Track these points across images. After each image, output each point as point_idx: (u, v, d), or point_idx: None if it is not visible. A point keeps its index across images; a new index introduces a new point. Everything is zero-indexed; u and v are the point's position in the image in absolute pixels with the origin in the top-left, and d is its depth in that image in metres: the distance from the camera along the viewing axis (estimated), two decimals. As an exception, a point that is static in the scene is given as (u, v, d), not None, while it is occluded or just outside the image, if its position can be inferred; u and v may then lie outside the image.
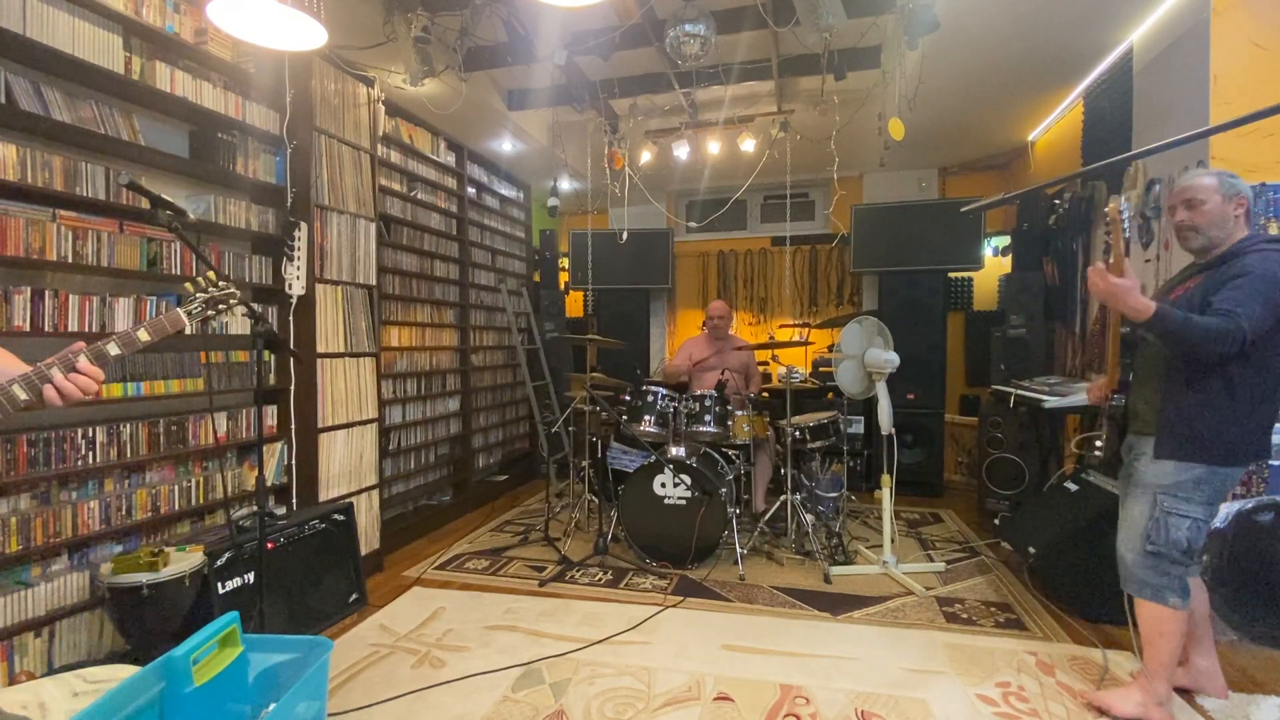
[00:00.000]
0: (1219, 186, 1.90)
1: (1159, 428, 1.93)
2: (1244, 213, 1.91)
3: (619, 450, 4.00)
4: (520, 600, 2.95)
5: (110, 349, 1.36)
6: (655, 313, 6.27)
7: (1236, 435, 1.84)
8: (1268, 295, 1.75)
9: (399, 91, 3.60)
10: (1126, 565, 1.99)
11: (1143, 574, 1.94)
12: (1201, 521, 1.89)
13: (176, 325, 1.53)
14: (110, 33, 2.25)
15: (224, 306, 1.65)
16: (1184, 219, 1.94)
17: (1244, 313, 1.71)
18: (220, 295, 1.64)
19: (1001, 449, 3.93)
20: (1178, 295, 1.97)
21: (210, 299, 1.61)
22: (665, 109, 4.35)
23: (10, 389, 1.21)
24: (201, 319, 1.60)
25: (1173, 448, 1.90)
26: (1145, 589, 1.94)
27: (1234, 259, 1.86)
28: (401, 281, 3.99)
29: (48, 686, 1.41)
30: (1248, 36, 2.60)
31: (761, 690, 2.19)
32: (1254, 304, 1.73)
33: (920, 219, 4.89)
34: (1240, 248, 1.87)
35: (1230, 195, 1.89)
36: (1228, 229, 1.91)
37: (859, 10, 2.99)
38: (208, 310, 1.61)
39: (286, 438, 2.99)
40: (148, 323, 1.46)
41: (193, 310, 1.58)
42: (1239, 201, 1.90)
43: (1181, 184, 1.97)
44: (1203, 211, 1.90)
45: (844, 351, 3.38)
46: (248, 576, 2.37)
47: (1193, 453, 1.87)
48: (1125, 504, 2.04)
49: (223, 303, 1.64)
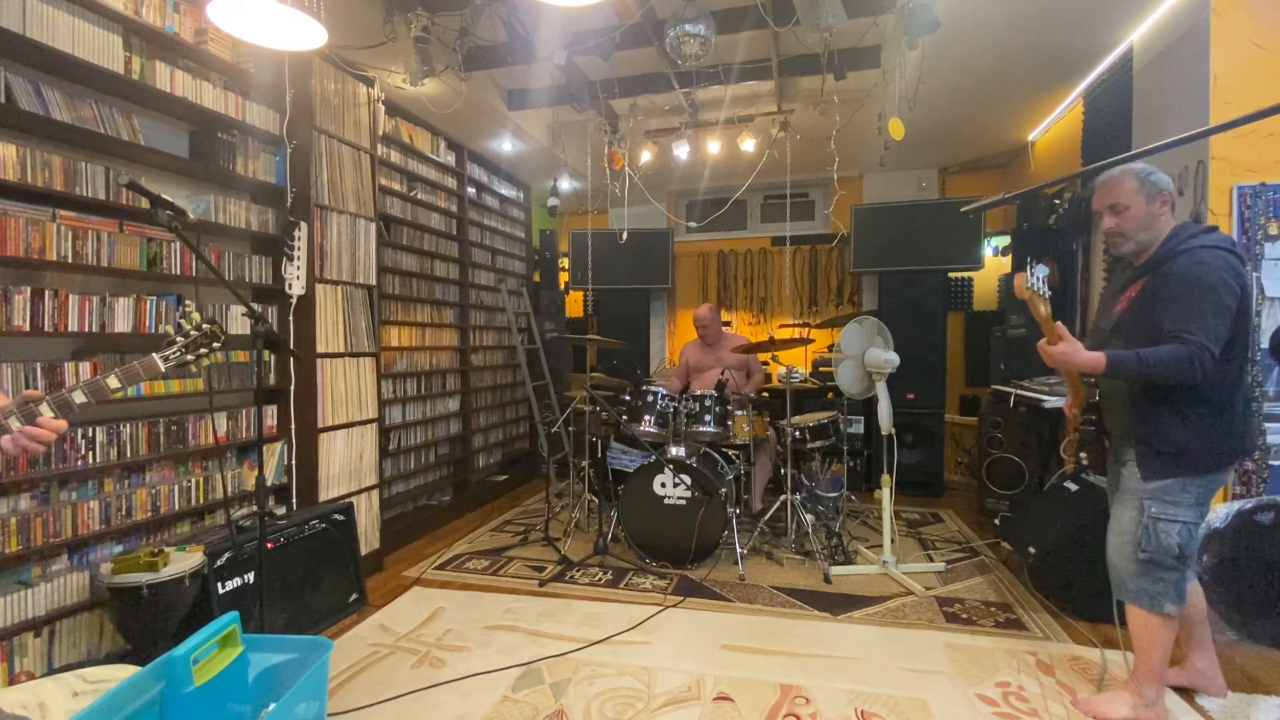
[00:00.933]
0: (1140, 188, 1.87)
1: (1137, 450, 1.91)
2: (1169, 208, 1.89)
3: (619, 450, 4.00)
4: (520, 600, 2.95)
5: (76, 397, 1.29)
6: (655, 313, 6.27)
7: (1215, 439, 1.81)
8: (1214, 303, 1.72)
9: (399, 91, 3.60)
10: (1119, 573, 1.96)
11: (1138, 583, 1.91)
12: (1192, 525, 1.85)
13: (151, 373, 1.46)
14: (110, 33, 2.24)
15: (205, 351, 1.56)
16: (1111, 226, 1.92)
17: (1199, 331, 1.69)
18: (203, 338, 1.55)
19: (1001, 449, 3.93)
20: (1123, 308, 1.94)
21: (190, 342, 1.54)
22: (665, 109, 4.35)
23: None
24: (179, 364, 1.52)
25: (1157, 467, 1.87)
26: (1142, 597, 1.91)
27: (1166, 262, 1.83)
28: (401, 281, 3.99)
29: (48, 686, 1.41)
30: (1248, 36, 2.60)
31: (761, 690, 2.19)
32: (1204, 317, 1.70)
33: (920, 219, 4.88)
34: (1170, 250, 1.84)
35: (1153, 195, 1.87)
36: (1155, 229, 1.88)
37: (859, 10, 2.99)
38: (187, 355, 1.53)
39: (286, 438, 2.99)
40: (120, 370, 1.39)
41: (170, 355, 1.50)
42: (1162, 200, 1.87)
43: (1102, 184, 1.93)
44: (1129, 217, 1.88)
45: (844, 351, 3.38)
46: (247, 576, 2.37)
47: (1177, 468, 1.84)
48: (1114, 510, 2.02)
49: (205, 346, 1.56)
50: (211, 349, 1.58)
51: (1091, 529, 2.65)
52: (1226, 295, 1.73)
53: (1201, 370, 1.69)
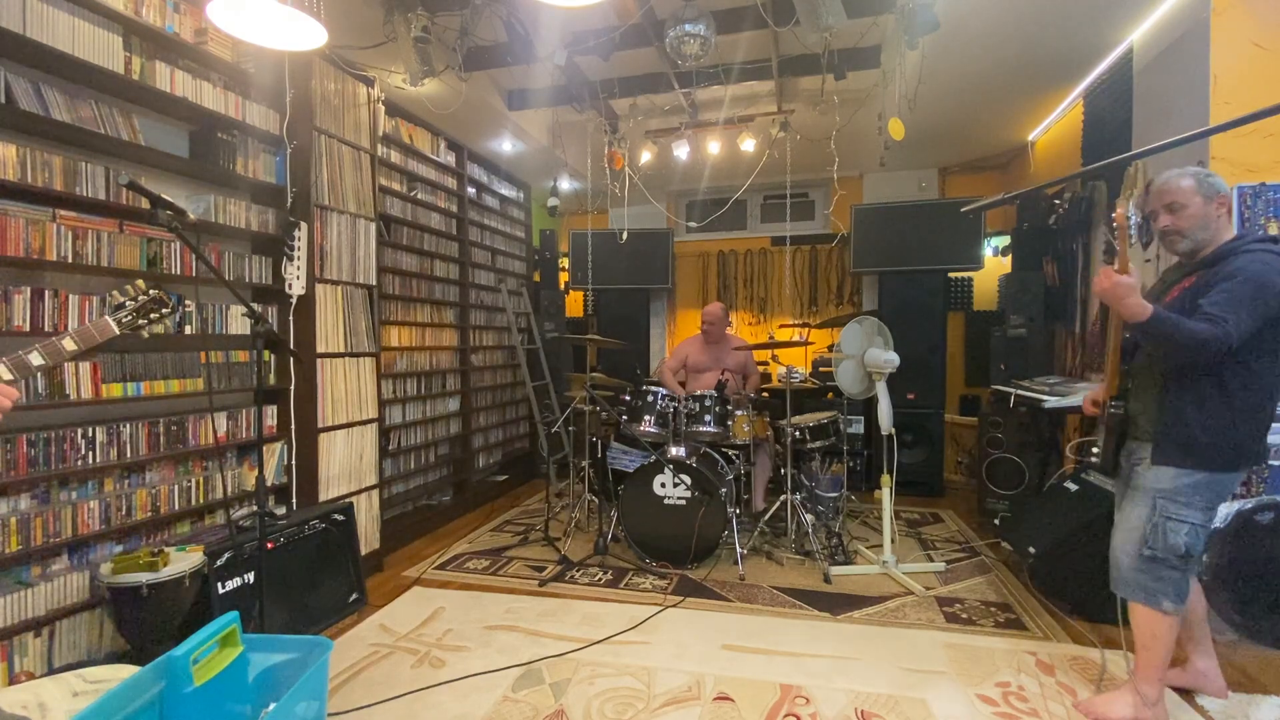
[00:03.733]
0: (1198, 188, 1.87)
1: (1157, 435, 1.92)
2: (1226, 212, 1.90)
3: (619, 450, 4.00)
4: (520, 600, 2.95)
5: (33, 359, 1.28)
6: (655, 313, 6.27)
7: (1234, 441, 1.83)
8: (1255, 299, 1.73)
9: (399, 91, 3.60)
10: (1121, 568, 1.97)
11: (1137, 577, 1.93)
12: (1200, 527, 1.87)
13: (105, 333, 1.46)
14: (110, 33, 2.25)
15: (155, 315, 1.58)
16: (1168, 224, 1.92)
17: (1230, 318, 1.70)
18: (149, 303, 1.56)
19: (1001, 449, 3.93)
20: (1174, 296, 1.95)
21: (140, 307, 1.54)
22: (665, 109, 4.35)
23: None
24: (133, 328, 1.52)
25: (1171, 454, 1.89)
26: (1139, 592, 1.93)
27: (1225, 259, 1.84)
28: (401, 281, 3.99)
29: (48, 686, 1.41)
30: (1248, 36, 2.60)
31: (761, 690, 2.19)
32: (1240, 309, 1.72)
33: (920, 219, 4.88)
34: (1231, 248, 1.85)
35: (1211, 196, 1.87)
36: (1212, 230, 1.89)
37: (859, 10, 2.99)
38: (139, 319, 1.54)
39: (286, 438, 2.99)
40: (75, 331, 1.38)
41: (123, 319, 1.50)
42: (1220, 201, 1.88)
43: (1159, 186, 1.94)
44: (1186, 215, 1.88)
45: (844, 351, 3.38)
46: (247, 576, 2.37)
47: (1191, 459, 1.86)
48: (1123, 507, 2.03)
49: (154, 310, 1.57)
50: (161, 314, 1.60)
51: (1091, 529, 2.65)
52: (1272, 298, 1.74)
53: (1215, 354, 1.70)
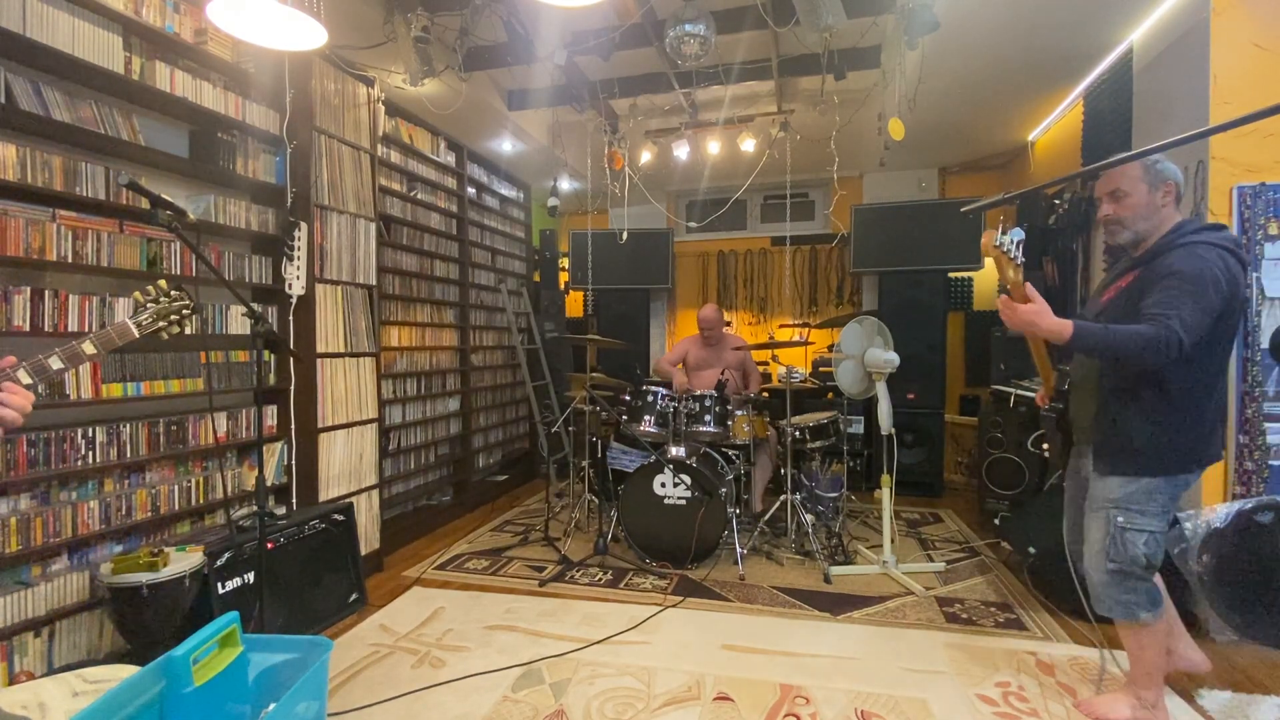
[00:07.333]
0: (1144, 175, 1.79)
1: (1096, 443, 1.86)
2: (1173, 199, 1.81)
3: (619, 450, 4.00)
4: (520, 600, 2.95)
5: (53, 363, 1.28)
6: (655, 313, 6.27)
7: (1178, 444, 1.77)
8: (1197, 295, 1.63)
9: (399, 91, 3.60)
10: (1095, 587, 1.93)
11: (1110, 593, 1.88)
12: (1159, 534, 1.82)
13: (125, 337, 1.45)
14: (110, 33, 2.25)
15: (176, 318, 1.56)
16: (1109, 212, 1.84)
17: (1175, 316, 1.61)
18: (172, 307, 1.55)
19: (1001, 449, 3.93)
20: (1110, 296, 1.88)
21: (161, 310, 1.53)
22: (665, 109, 4.35)
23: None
24: (152, 330, 1.51)
25: (1113, 463, 1.83)
26: (1116, 608, 1.88)
27: (1161, 255, 1.75)
28: (401, 281, 3.99)
29: (48, 686, 1.41)
30: (1248, 36, 2.60)
31: (761, 690, 2.19)
32: (1184, 307, 1.62)
33: (920, 219, 4.88)
34: (1168, 242, 1.76)
35: (1157, 183, 1.79)
36: (1155, 220, 1.81)
37: (859, 10, 2.99)
38: (159, 322, 1.53)
39: (286, 438, 2.99)
40: (94, 335, 1.38)
41: (143, 321, 1.49)
42: (1166, 189, 1.79)
43: (1106, 173, 1.86)
44: (1127, 204, 1.80)
45: (844, 351, 3.38)
46: (248, 576, 2.37)
47: (1133, 466, 1.80)
48: (1085, 523, 1.96)
49: (175, 314, 1.56)
50: (183, 316, 1.58)
51: (1091, 529, 2.65)
52: (1214, 293, 1.65)
53: (1166, 354, 1.60)
